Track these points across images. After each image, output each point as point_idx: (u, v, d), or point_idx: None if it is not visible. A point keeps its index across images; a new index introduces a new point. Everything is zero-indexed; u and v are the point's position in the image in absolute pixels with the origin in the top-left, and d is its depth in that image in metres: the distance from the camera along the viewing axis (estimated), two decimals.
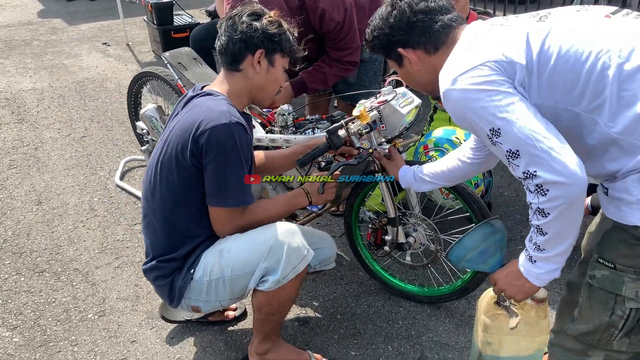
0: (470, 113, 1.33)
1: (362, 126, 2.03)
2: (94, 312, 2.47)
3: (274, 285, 1.83)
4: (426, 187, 2.01)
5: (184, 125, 1.81)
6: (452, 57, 1.43)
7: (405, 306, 2.46)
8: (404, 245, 2.28)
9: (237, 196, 1.83)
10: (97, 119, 4.54)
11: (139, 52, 6.36)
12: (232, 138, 1.76)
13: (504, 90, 1.29)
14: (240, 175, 1.81)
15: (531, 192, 1.29)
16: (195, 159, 1.79)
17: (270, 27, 1.86)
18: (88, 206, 3.30)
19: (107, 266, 2.76)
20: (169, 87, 3.07)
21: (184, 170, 1.82)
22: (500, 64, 1.30)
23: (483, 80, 1.30)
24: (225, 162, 1.78)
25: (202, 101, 1.85)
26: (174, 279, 1.92)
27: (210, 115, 1.76)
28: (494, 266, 1.62)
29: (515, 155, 1.29)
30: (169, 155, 1.84)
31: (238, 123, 1.77)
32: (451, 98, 1.36)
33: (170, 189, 1.86)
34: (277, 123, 2.53)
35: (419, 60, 1.56)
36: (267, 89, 1.96)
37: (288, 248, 1.81)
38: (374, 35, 1.62)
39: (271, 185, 2.61)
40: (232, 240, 1.89)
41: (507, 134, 1.28)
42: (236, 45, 1.86)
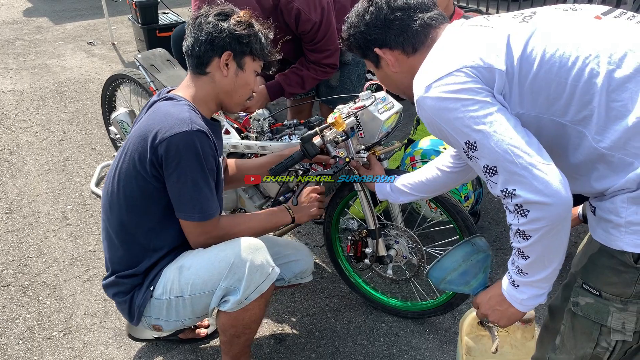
0: (445, 124, 1.20)
1: (338, 134, 1.91)
2: (59, 329, 2.33)
3: (235, 306, 1.71)
4: (404, 199, 1.88)
5: (142, 132, 1.68)
6: (427, 61, 1.30)
7: (387, 322, 2.33)
8: (385, 258, 2.15)
9: (202, 209, 1.71)
10: (76, 122, 4.40)
11: (124, 52, 6.21)
12: (193, 147, 1.63)
13: (481, 99, 1.16)
14: (204, 186, 1.69)
15: (510, 212, 1.17)
16: (155, 169, 1.66)
17: (238, 27, 1.73)
18: (61, 214, 3.16)
19: (76, 279, 2.63)
20: (142, 90, 2.93)
21: (143, 181, 1.69)
22: (478, 70, 1.17)
23: (458, 88, 1.17)
24: (187, 173, 1.65)
25: (162, 107, 1.72)
26: (133, 296, 1.79)
27: (169, 123, 1.63)
28: (477, 288, 1.49)
29: (492, 172, 1.16)
30: (127, 165, 1.71)
31: (199, 131, 1.64)
32: (425, 106, 1.23)
33: (130, 199, 1.73)
34: (253, 129, 2.40)
35: (396, 61, 1.43)
36: (236, 94, 1.83)
37: (250, 266, 1.69)
38: (350, 34, 1.49)
39: (247, 194, 2.49)
40: (192, 256, 1.76)
41: (484, 148, 1.15)
42: (202, 46, 1.73)
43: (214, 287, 1.71)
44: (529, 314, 1.76)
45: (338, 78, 2.74)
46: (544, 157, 1.11)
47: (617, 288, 1.15)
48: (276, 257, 2.02)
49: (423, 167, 1.85)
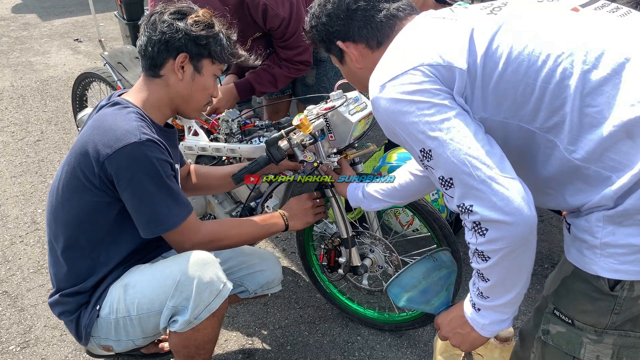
0: (399, 128, 1.07)
1: (305, 136, 1.77)
2: (17, 342, 2.21)
3: (185, 327, 1.58)
4: (377, 206, 1.75)
5: (84, 143, 1.53)
6: (384, 58, 1.16)
7: (363, 335, 2.20)
8: (359, 268, 2.02)
9: (165, 219, 1.56)
10: (55, 121, 4.27)
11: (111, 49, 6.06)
12: (144, 158, 1.49)
13: (438, 102, 1.02)
14: (163, 195, 1.54)
15: (468, 229, 1.04)
16: (105, 185, 1.53)
17: (195, 28, 1.58)
18: (30, 219, 3.03)
19: (39, 288, 2.50)
20: (112, 89, 2.80)
21: (90, 194, 1.56)
22: (436, 69, 1.04)
23: (414, 89, 1.04)
24: (142, 187, 1.51)
25: (107, 115, 1.57)
26: (80, 315, 1.67)
27: (115, 134, 1.49)
28: (439, 307, 1.36)
29: (448, 184, 1.03)
30: (71, 177, 1.58)
31: (149, 140, 1.50)
32: (379, 108, 1.10)
33: (75, 213, 1.60)
34: (222, 130, 2.27)
35: (360, 56, 1.29)
36: (193, 99, 1.68)
37: (198, 283, 1.55)
38: (312, 25, 1.36)
39: (217, 200, 2.36)
40: (138, 273, 1.63)
41: (439, 158, 1.02)
42: (155, 47, 1.58)
43: (160, 306, 1.58)
44: (506, 332, 1.63)
45: (314, 76, 2.61)
46: (505, 169, 0.98)
47: (591, 317, 1.02)
48: (239, 268, 1.90)
49: (396, 172, 1.72)
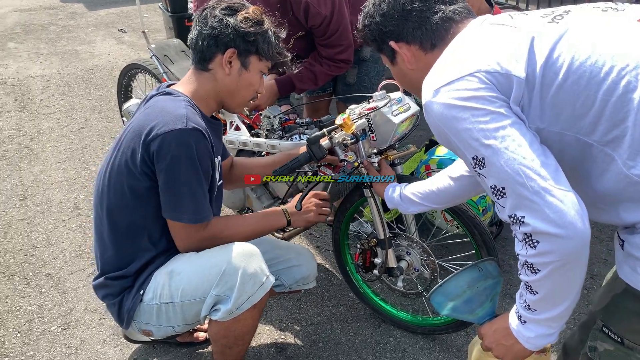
0: (452, 134, 1.06)
1: (347, 136, 1.78)
2: (58, 324, 2.28)
3: (226, 316, 1.60)
4: (414, 209, 1.74)
5: (135, 128, 1.59)
6: (439, 62, 1.15)
7: (395, 336, 2.19)
8: (395, 270, 2.01)
9: (192, 211, 1.61)
10: (98, 109, 4.38)
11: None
12: (187, 146, 1.53)
13: (494, 109, 1.01)
14: (196, 188, 1.59)
15: (519, 240, 1.02)
16: (147, 166, 1.57)
17: (244, 24, 1.62)
18: (73, 204, 3.12)
19: (80, 272, 2.58)
20: (157, 81, 2.85)
21: (133, 179, 1.60)
22: (494, 76, 1.02)
23: (469, 95, 1.03)
24: (178, 173, 1.55)
25: (158, 102, 1.62)
26: (123, 299, 1.71)
27: (164, 119, 1.54)
28: (483, 317, 1.35)
29: (500, 194, 1.01)
30: (119, 161, 1.62)
31: (195, 129, 1.54)
32: (432, 112, 1.09)
33: (120, 197, 1.65)
34: (263, 126, 2.29)
35: (413, 57, 1.28)
36: (238, 95, 1.72)
37: (243, 274, 1.58)
38: (365, 24, 1.35)
39: (255, 194, 2.38)
40: (184, 261, 1.67)
41: (492, 166, 1.01)
42: (205, 41, 1.63)
43: (204, 294, 1.61)
44: None
45: (355, 75, 2.60)
46: (560, 181, 0.96)
47: None
48: (276, 262, 1.92)
49: (435, 176, 1.71)
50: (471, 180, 1.56)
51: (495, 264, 1.40)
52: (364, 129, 1.85)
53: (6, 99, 4.57)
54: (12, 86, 4.84)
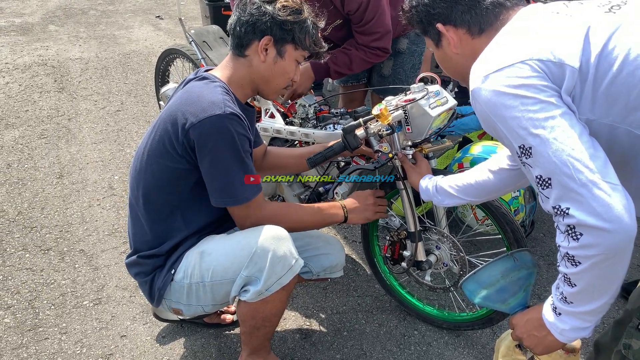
0: (499, 122, 1.06)
1: (382, 127, 1.78)
2: (90, 299, 2.34)
3: (255, 297, 1.63)
4: (449, 202, 1.73)
5: (173, 112, 1.62)
6: (489, 47, 1.15)
7: (420, 330, 2.19)
8: (424, 264, 2.01)
9: (238, 193, 1.63)
10: (134, 94, 4.46)
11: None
12: (227, 131, 1.55)
13: (545, 99, 1.01)
14: (238, 170, 1.61)
15: (561, 232, 1.02)
16: (187, 152, 1.60)
17: (281, 12, 1.63)
18: (107, 184, 3.19)
19: (113, 250, 2.64)
20: (194, 66, 2.89)
21: (172, 160, 1.63)
22: (546, 65, 1.02)
23: (520, 83, 1.02)
24: (220, 158, 1.57)
25: (195, 87, 1.65)
26: (154, 277, 1.75)
27: (201, 105, 1.56)
28: (515, 307, 1.35)
29: (545, 184, 1.01)
30: (157, 143, 1.66)
31: (233, 114, 1.56)
32: (479, 99, 1.09)
33: (157, 178, 1.68)
34: (298, 115, 2.31)
35: (459, 41, 1.28)
36: (273, 82, 1.74)
37: (273, 256, 1.60)
38: (412, 5, 1.35)
39: (287, 183, 2.40)
40: (215, 242, 1.70)
41: (539, 156, 1.00)
42: (242, 27, 1.65)
43: (234, 275, 1.64)
44: (575, 342, 1.59)
45: (391, 67, 2.60)
46: (609, 175, 0.95)
47: None
48: (305, 249, 1.93)
49: (473, 169, 1.70)
50: (511, 173, 1.54)
51: (530, 254, 1.39)
52: (400, 121, 1.85)
53: (46, 80, 4.69)
54: (52, 67, 4.96)
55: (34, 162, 3.42)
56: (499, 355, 1.67)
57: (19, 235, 2.75)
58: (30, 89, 4.50)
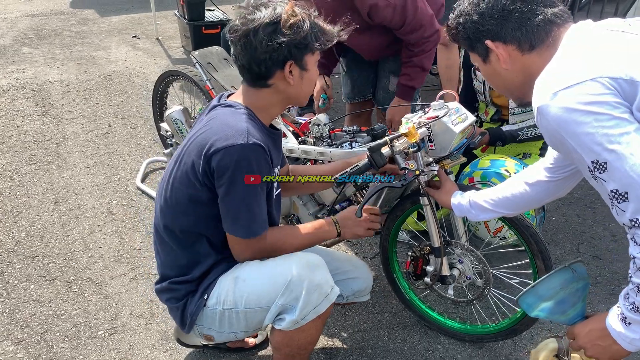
0: (570, 138, 1.09)
1: (409, 144, 1.81)
2: (104, 328, 2.28)
3: (291, 326, 1.62)
4: (485, 216, 1.76)
5: (199, 140, 1.61)
6: (554, 65, 1.18)
7: (443, 344, 2.21)
8: (448, 278, 2.04)
9: (247, 226, 1.63)
10: (121, 115, 4.39)
11: (169, 47, 6.20)
12: (247, 162, 1.55)
13: (618, 115, 1.05)
14: (253, 203, 1.61)
15: (637, 244, 1.05)
16: (207, 179, 1.60)
17: (292, 35, 1.56)
18: (106, 209, 3.13)
19: (122, 277, 2.58)
20: (196, 88, 2.87)
21: (194, 188, 1.63)
22: (618, 83, 1.06)
23: (592, 100, 1.06)
24: (238, 188, 1.57)
25: (220, 114, 1.64)
26: (187, 303, 1.73)
27: (226, 133, 1.55)
28: (574, 318, 1.38)
29: (622, 198, 1.05)
30: (182, 172, 1.65)
31: (256, 144, 1.55)
32: (548, 115, 1.12)
33: (183, 205, 1.67)
34: (312, 134, 2.32)
35: (509, 57, 1.30)
36: (304, 93, 1.73)
37: (309, 285, 1.60)
38: (459, 22, 1.36)
39: (301, 201, 2.40)
40: (249, 268, 1.69)
41: (616, 171, 1.04)
42: (262, 65, 1.59)
43: (269, 303, 1.63)
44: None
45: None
46: None
47: None
48: (334, 273, 1.92)
49: (507, 182, 1.73)
50: (549, 185, 1.58)
51: (583, 265, 1.42)
52: (423, 138, 1.88)
53: (27, 104, 4.57)
54: (31, 90, 4.84)
55: (26, 189, 3.32)
56: None
57: (21, 265, 2.66)
58: (11, 113, 4.38)
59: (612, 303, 1.91)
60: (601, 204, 3.16)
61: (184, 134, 2.72)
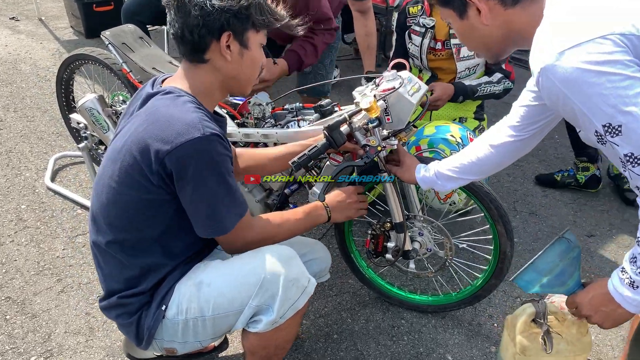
0: (579, 100, 1.04)
1: (369, 120, 1.71)
2: (38, 353, 2.01)
3: (269, 327, 1.49)
4: (452, 185, 1.73)
5: (142, 140, 1.40)
6: (553, 21, 1.11)
7: (407, 318, 2.19)
8: (411, 253, 1.99)
9: (226, 221, 1.47)
10: (13, 108, 3.90)
11: (56, 29, 5.62)
12: (208, 155, 1.38)
13: (632, 74, 0.99)
14: (225, 195, 1.44)
15: None
16: (164, 182, 1.41)
17: (232, 1, 1.41)
18: (15, 216, 2.76)
19: (47, 291, 2.29)
20: (110, 72, 2.57)
21: (146, 191, 1.43)
22: (629, 39, 1.00)
23: (605, 59, 1.00)
24: (203, 186, 1.40)
25: (162, 105, 1.43)
26: (141, 317, 1.54)
27: (175, 128, 1.36)
28: (573, 288, 1.37)
29: (638, 162, 1.01)
30: (125, 173, 1.44)
31: (214, 134, 1.38)
32: (554, 76, 1.05)
33: (129, 211, 1.47)
34: (253, 115, 2.16)
35: (489, 12, 1.22)
36: (245, 76, 1.55)
37: (285, 280, 1.47)
38: None
39: (246, 188, 2.24)
40: (212, 270, 1.53)
41: (632, 134, 1.00)
42: (194, 32, 1.42)
43: (241, 306, 1.48)
44: None
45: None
46: None
47: None
48: None
49: (470, 147, 1.70)
50: (516, 145, 1.56)
51: (572, 233, 1.41)
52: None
53: None
54: None
55: None
56: (517, 331, 1.70)
57: None
58: None
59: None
60: (526, 161, 3.28)
61: (102, 124, 2.43)
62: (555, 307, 1.65)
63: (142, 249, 1.51)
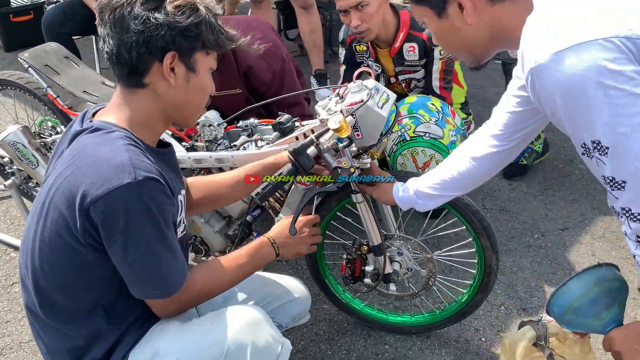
0: (572, 109, 0.92)
1: (338, 139, 1.53)
2: None
3: None
4: (433, 204, 1.59)
5: (66, 187, 1.18)
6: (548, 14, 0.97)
7: (390, 342, 2.03)
8: (392, 275, 1.83)
9: (163, 283, 1.25)
10: None
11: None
12: (141, 203, 1.16)
13: (634, 91, 0.87)
14: (163, 252, 1.22)
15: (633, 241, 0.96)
16: (91, 237, 1.18)
17: (179, 16, 1.21)
18: None
19: None
20: (34, 98, 2.27)
21: (75, 252, 1.21)
22: (634, 43, 0.88)
23: (606, 69, 0.87)
24: (137, 241, 1.18)
25: (88, 145, 1.21)
26: None
27: (102, 173, 1.14)
28: (609, 324, 1.23)
29: (618, 186, 0.93)
30: (52, 232, 1.21)
31: (147, 178, 1.16)
32: (547, 79, 0.92)
33: (61, 275, 1.24)
34: (203, 137, 1.93)
35: (474, 9, 1.09)
36: (191, 105, 1.34)
37: (253, 350, 1.26)
38: None
39: (202, 218, 2.01)
40: (170, 338, 1.29)
41: (618, 157, 0.90)
42: (132, 51, 1.21)
43: None
44: None
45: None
46: None
47: None
48: (267, 302, 1.65)
49: (449, 162, 1.55)
50: (499, 155, 1.43)
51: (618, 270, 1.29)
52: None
53: None
54: None
55: None
56: (517, 356, 1.58)
57: None
58: None
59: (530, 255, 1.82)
60: None
61: (29, 159, 2.13)
62: (556, 328, 1.54)
63: (83, 315, 1.29)
